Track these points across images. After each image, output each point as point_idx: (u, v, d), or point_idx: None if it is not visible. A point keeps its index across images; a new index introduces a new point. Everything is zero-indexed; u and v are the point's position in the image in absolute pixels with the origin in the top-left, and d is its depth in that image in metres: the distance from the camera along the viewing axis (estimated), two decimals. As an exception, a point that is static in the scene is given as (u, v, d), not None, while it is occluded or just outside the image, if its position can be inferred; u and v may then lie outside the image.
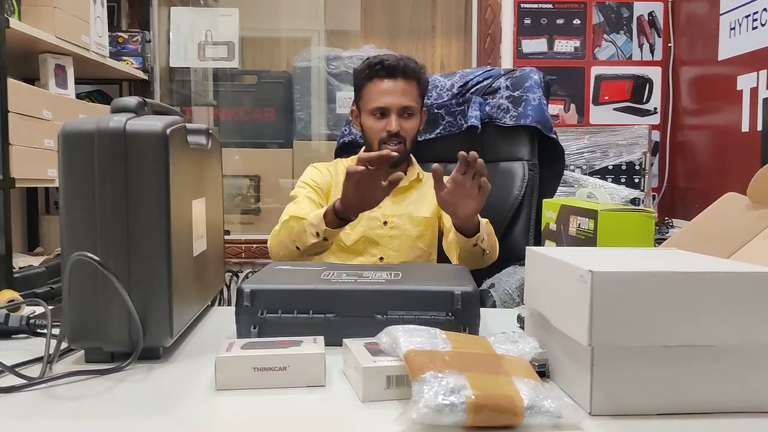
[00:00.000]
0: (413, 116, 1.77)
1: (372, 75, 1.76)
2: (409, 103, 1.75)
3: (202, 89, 3.53)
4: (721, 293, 0.73)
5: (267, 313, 0.98)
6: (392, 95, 1.73)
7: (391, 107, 1.74)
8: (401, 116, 1.75)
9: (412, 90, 1.76)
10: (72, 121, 0.89)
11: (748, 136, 2.60)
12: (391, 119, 1.73)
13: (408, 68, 1.75)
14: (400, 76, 1.74)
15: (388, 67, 1.74)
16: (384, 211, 1.79)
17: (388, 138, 1.74)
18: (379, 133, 1.75)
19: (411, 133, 1.78)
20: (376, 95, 1.75)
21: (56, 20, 2.30)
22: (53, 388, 0.82)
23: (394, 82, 1.74)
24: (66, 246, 0.88)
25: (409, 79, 1.75)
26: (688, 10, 3.17)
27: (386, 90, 1.74)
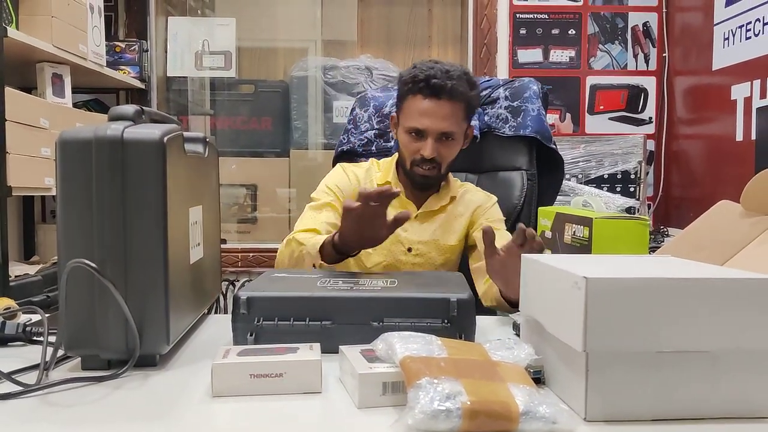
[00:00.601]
0: (453, 141, 1.61)
1: (415, 90, 1.59)
2: (451, 129, 1.58)
3: (199, 98, 3.54)
4: (715, 299, 0.73)
5: (263, 321, 0.98)
6: (432, 118, 1.57)
7: (428, 131, 1.58)
8: (439, 140, 1.59)
9: (456, 113, 1.58)
10: (70, 129, 0.90)
11: (742, 145, 2.61)
12: (427, 143, 1.58)
13: (456, 91, 1.56)
14: (446, 98, 1.56)
15: (434, 86, 1.56)
16: (409, 236, 1.68)
17: (422, 162, 1.60)
18: (412, 154, 1.62)
19: (448, 158, 1.63)
20: (416, 114, 1.58)
21: (54, 29, 2.30)
22: (50, 395, 0.82)
23: (437, 103, 1.56)
24: (63, 253, 0.89)
25: (456, 101, 1.57)
26: (682, 21, 3.19)
27: (427, 111, 1.57)
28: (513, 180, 1.89)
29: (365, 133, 1.98)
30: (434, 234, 1.68)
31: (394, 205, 1.60)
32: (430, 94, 1.56)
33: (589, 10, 3.30)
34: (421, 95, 1.57)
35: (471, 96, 1.61)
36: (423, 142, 1.58)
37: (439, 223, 1.69)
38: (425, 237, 1.68)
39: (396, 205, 1.62)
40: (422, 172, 1.61)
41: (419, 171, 1.61)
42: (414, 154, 1.61)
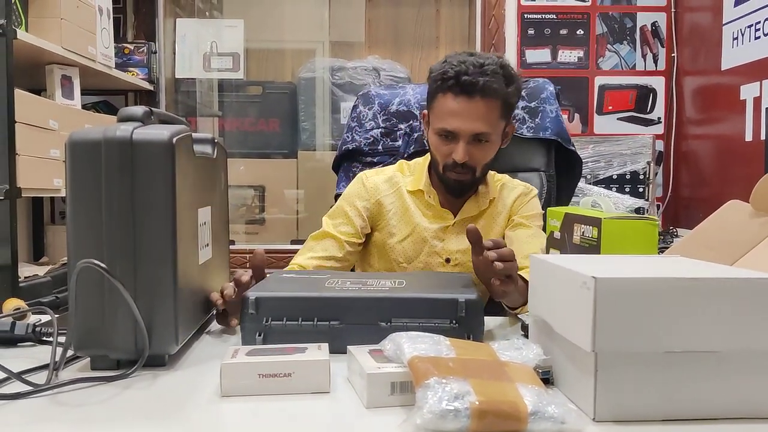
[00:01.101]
0: (488, 143, 1.47)
1: (444, 88, 1.45)
2: (485, 130, 1.44)
3: (207, 100, 3.55)
4: (724, 299, 0.73)
5: (272, 321, 0.99)
6: (463, 118, 1.43)
7: (459, 133, 1.44)
8: (472, 143, 1.45)
9: (491, 112, 1.44)
10: (79, 130, 0.90)
11: (751, 145, 2.60)
12: (458, 147, 1.44)
13: (489, 89, 1.42)
14: (479, 96, 1.42)
15: (465, 84, 1.41)
16: (447, 246, 1.56)
17: (454, 166, 1.47)
18: (444, 157, 1.48)
19: (483, 161, 1.49)
20: (445, 114, 1.45)
21: (63, 32, 2.31)
22: (59, 394, 0.83)
23: (468, 102, 1.42)
24: (73, 253, 0.89)
25: (491, 98, 1.43)
26: (691, 21, 3.18)
27: (457, 111, 1.43)
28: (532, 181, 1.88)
29: (371, 131, 1.96)
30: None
31: (429, 214, 1.57)
32: (460, 92, 1.43)
33: (598, 10, 3.29)
34: (452, 94, 1.44)
35: (508, 93, 1.46)
36: (454, 145, 1.45)
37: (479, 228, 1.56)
38: (464, 245, 1.54)
39: (430, 214, 1.57)
40: (455, 177, 1.49)
41: (452, 176, 1.49)
42: (446, 158, 1.48)
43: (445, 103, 1.45)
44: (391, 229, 1.58)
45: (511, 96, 1.48)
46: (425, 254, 1.56)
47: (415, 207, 1.58)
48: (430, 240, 1.56)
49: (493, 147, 1.50)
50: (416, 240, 1.56)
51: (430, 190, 1.57)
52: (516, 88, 1.49)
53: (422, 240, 1.56)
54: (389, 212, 1.58)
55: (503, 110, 1.47)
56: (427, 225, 1.56)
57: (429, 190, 1.57)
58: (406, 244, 1.57)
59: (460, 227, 1.56)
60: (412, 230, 1.56)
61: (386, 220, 1.58)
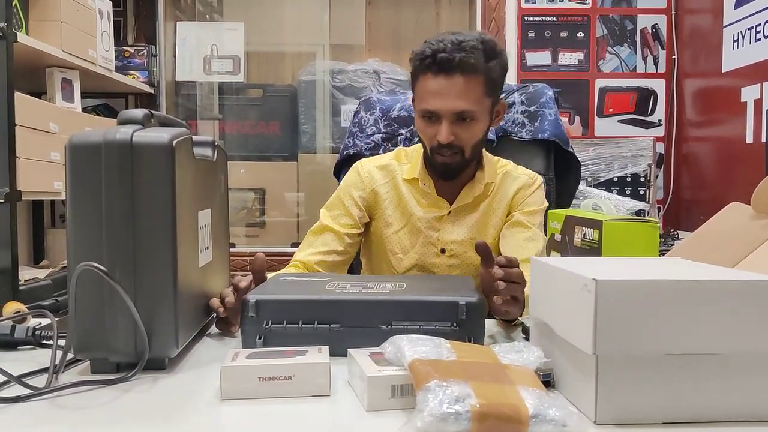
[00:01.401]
0: (473, 121, 1.42)
1: (423, 68, 1.42)
2: (467, 107, 1.39)
3: (207, 103, 3.55)
4: (725, 301, 0.73)
5: (272, 324, 0.98)
6: (443, 97, 1.39)
7: (441, 112, 1.40)
8: (456, 122, 1.41)
9: (473, 88, 1.39)
10: (79, 133, 0.90)
11: (752, 148, 2.60)
12: (442, 127, 1.40)
13: (467, 64, 1.37)
14: (458, 72, 1.38)
15: (441, 61, 1.38)
16: (442, 236, 1.53)
17: (439, 148, 1.43)
18: (430, 139, 1.45)
19: (470, 140, 1.44)
20: (426, 95, 1.42)
21: (63, 35, 2.32)
22: (59, 398, 0.83)
23: (448, 80, 1.38)
24: (72, 256, 0.89)
25: (470, 74, 1.39)
26: (691, 23, 3.18)
27: (437, 91, 1.40)
28: (530, 185, 1.89)
29: (372, 136, 1.97)
30: (470, 232, 1.53)
31: (424, 203, 1.55)
32: (439, 70, 1.39)
33: (598, 12, 3.29)
34: (431, 73, 1.40)
35: (489, 67, 1.41)
36: (438, 126, 1.41)
37: (476, 218, 1.54)
38: (460, 236, 1.53)
39: (425, 203, 1.54)
40: (442, 159, 1.44)
41: (439, 159, 1.45)
42: (431, 140, 1.44)
43: (425, 83, 1.42)
44: (388, 218, 1.56)
45: (493, 71, 1.42)
46: (420, 244, 1.54)
47: (410, 196, 1.55)
48: (425, 230, 1.54)
49: (479, 126, 1.44)
50: (412, 230, 1.55)
51: (426, 178, 1.54)
52: (499, 63, 1.44)
53: (417, 230, 1.54)
54: (384, 201, 1.56)
55: (487, 86, 1.42)
56: (421, 215, 1.54)
57: (424, 178, 1.54)
58: (402, 234, 1.55)
59: (456, 216, 1.54)
60: (407, 220, 1.55)
61: (382, 210, 1.57)
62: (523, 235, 1.49)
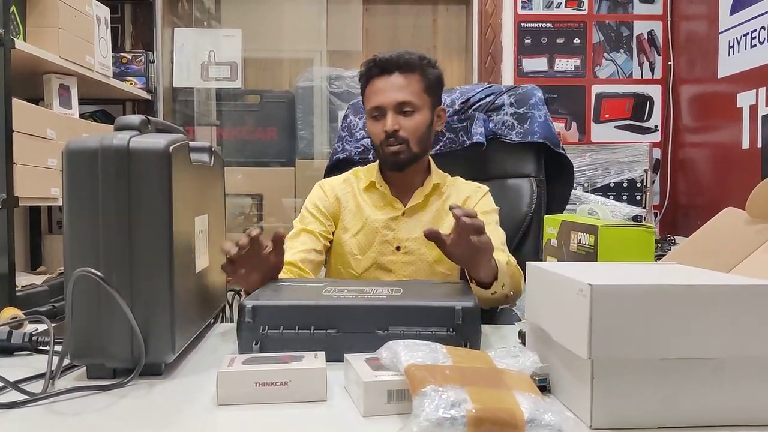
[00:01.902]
0: (415, 112, 1.58)
1: (369, 75, 1.61)
2: (407, 98, 1.57)
3: (205, 109, 3.55)
4: (721, 306, 0.73)
5: (268, 329, 0.98)
6: (386, 92, 1.57)
7: (385, 105, 1.57)
8: (399, 113, 1.57)
9: (411, 84, 1.58)
10: (76, 139, 0.90)
11: (748, 153, 2.61)
12: (386, 118, 1.56)
13: (403, 60, 1.58)
14: (396, 71, 1.58)
15: (381, 62, 1.58)
16: (397, 234, 1.63)
17: (386, 139, 1.57)
18: (378, 135, 1.60)
19: (414, 132, 1.58)
20: (372, 95, 1.60)
21: (61, 41, 2.32)
22: (56, 403, 0.82)
23: (388, 78, 1.58)
24: (69, 262, 0.89)
25: (408, 72, 1.58)
26: (687, 29, 3.19)
27: (380, 88, 1.58)
28: (522, 187, 1.88)
29: (361, 140, 1.97)
30: (425, 228, 1.58)
31: (380, 204, 1.65)
32: (380, 72, 1.59)
33: (594, 19, 3.30)
34: (374, 78, 1.60)
35: (424, 66, 1.60)
36: (384, 120, 1.58)
37: (428, 218, 1.65)
38: (414, 234, 1.63)
39: (381, 205, 1.65)
40: (391, 149, 1.58)
41: (388, 150, 1.58)
42: (380, 135, 1.59)
43: (371, 87, 1.61)
44: (346, 225, 1.66)
45: (429, 73, 1.61)
46: (377, 243, 1.63)
47: (366, 203, 1.66)
48: (381, 230, 1.63)
49: (420, 118, 1.59)
50: (368, 231, 1.64)
51: (381, 182, 1.67)
52: (435, 71, 1.63)
53: (374, 230, 1.64)
54: (345, 210, 1.67)
55: (424, 84, 1.60)
56: (378, 216, 1.64)
57: (380, 182, 1.67)
58: (359, 237, 1.64)
59: (410, 216, 1.65)
60: (363, 223, 1.64)
61: (342, 217, 1.67)
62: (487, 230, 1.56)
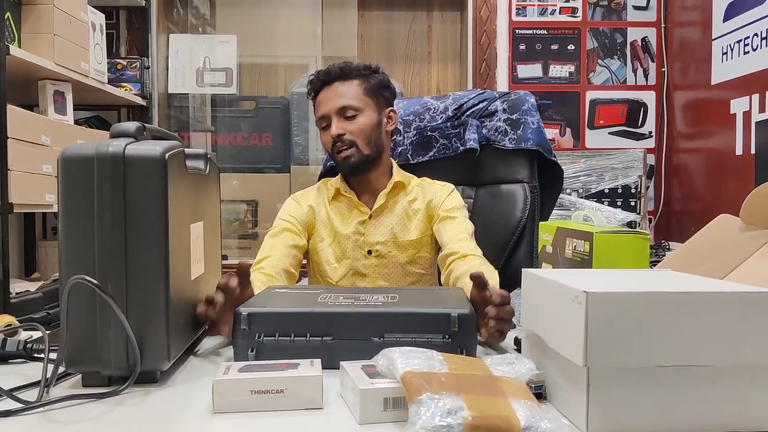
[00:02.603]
0: (358, 115, 1.61)
1: (314, 90, 1.67)
2: (347, 103, 1.61)
3: (200, 115, 3.55)
4: (716, 313, 0.73)
5: (264, 337, 0.98)
6: (328, 101, 1.62)
7: (328, 112, 1.61)
8: (342, 118, 1.61)
9: (351, 89, 1.62)
10: (71, 146, 0.90)
11: (742, 159, 2.62)
12: (332, 125, 1.61)
13: (343, 70, 1.63)
14: (336, 80, 1.63)
15: (321, 75, 1.64)
16: (367, 238, 1.67)
17: (335, 145, 1.61)
18: (328, 144, 1.64)
19: (360, 133, 1.62)
20: (317, 107, 1.66)
21: (56, 47, 2.32)
22: (50, 412, 0.82)
23: (329, 88, 1.63)
24: (64, 269, 0.89)
25: (347, 79, 1.63)
26: (680, 35, 3.21)
27: (323, 98, 1.64)
28: (515, 192, 1.89)
29: None
30: (392, 231, 1.67)
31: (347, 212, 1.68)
32: (322, 84, 1.64)
33: (588, 25, 3.32)
34: (318, 91, 1.65)
35: (364, 74, 1.65)
36: (331, 129, 1.62)
37: (395, 219, 1.68)
38: (382, 237, 1.67)
39: (347, 212, 1.68)
40: (342, 155, 1.61)
41: (339, 156, 1.62)
42: (329, 143, 1.63)
43: (317, 101, 1.66)
44: (321, 233, 1.69)
45: (370, 78, 1.66)
46: (350, 249, 1.67)
47: (334, 214, 1.69)
48: (353, 236, 1.67)
49: (365, 119, 1.62)
50: (340, 240, 1.67)
51: (346, 188, 1.70)
52: (379, 77, 1.68)
53: (345, 237, 1.67)
54: (318, 218, 1.70)
55: (367, 89, 1.64)
56: (346, 224, 1.68)
57: (345, 188, 1.69)
58: (334, 246, 1.68)
59: (377, 218, 1.68)
60: (334, 235, 1.68)
61: (317, 226, 1.70)
62: (454, 222, 1.63)
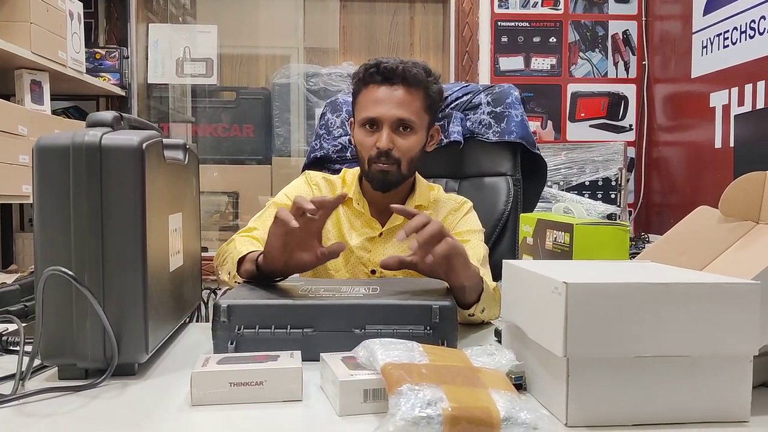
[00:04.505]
0: (412, 133, 1.46)
1: (367, 80, 1.47)
2: (407, 116, 1.43)
3: (180, 106, 3.52)
4: (695, 304, 0.74)
5: (244, 329, 0.98)
6: (386, 104, 1.43)
7: (383, 119, 1.43)
8: (396, 131, 1.44)
9: (413, 101, 1.44)
10: (47, 135, 0.89)
11: (721, 152, 2.64)
12: (382, 134, 1.43)
13: (409, 74, 1.43)
14: (400, 83, 1.44)
15: (385, 70, 1.44)
16: (372, 257, 1.52)
17: (377, 157, 1.44)
18: (368, 149, 1.46)
19: (408, 153, 1.46)
20: (368, 103, 1.46)
21: (32, 36, 2.29)
22: (26, 405, 0.81)
23: (390, 89, 1.44)
24: (40, 261, 0.88)
25: (412, 87, 1.44)
26: (661, 29, 3.22)
27: (380, 98, 1.44)
28: (498, 185, 1.89)
29: (339, 138, 1.95)
30: (402, 251, 1.50)
31: (357, 224, 1.54)
32: (382, 80, 1.45)
33: (570, 18, 3.32)
34: (374, 84, 1.46)
35: (429, 83, 1.47)
36: (378, 134, 1.44)
37: (407, 242, 1.55)
38: None
39: (358, 224, 1.55)
40: (380, 167, 1.45)
41: (377, 167, 1.45)
42: (370, 150, 1.46)
43: (367, 94, 1.47)
44: (327, 233, 1.53)
45: (432, 89, 1.48)
46: (352, 264, 1.54)
47: (345, 218, 1.55)
48: (357, 251, 1.53)
49: (417, 138, 1.48)
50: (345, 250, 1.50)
51: (360, 198, 1.55)
52: (437, 85, 1.50)
53: (349, 251, 1.53)
54: None
55: (426, 102, 1.47)
56: (354, 236, 1.54)
57: (359, 198, 1.55)
58: None
59: (387, 238, 1.54)
60: (341, 240, 1.54)
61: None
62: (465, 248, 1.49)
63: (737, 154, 2.51)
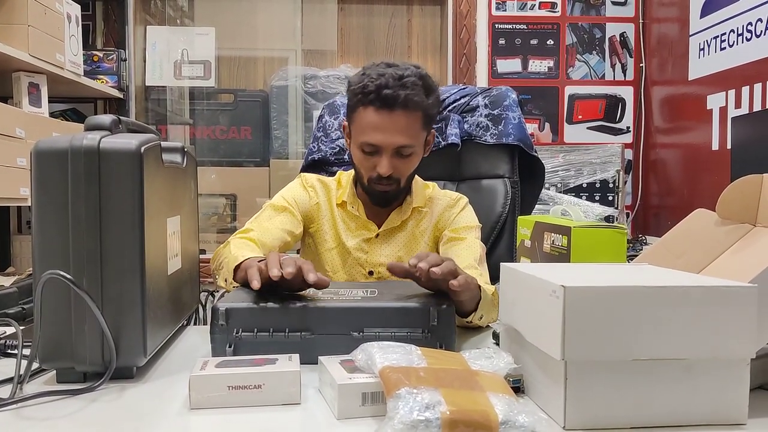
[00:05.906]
0: (412, 154, 1.46)
1: (365, 101, 1.42)
2: (407, 143, 1.42)
3: (178, 108, 3.52)
4: (692, 307, 0.74)
5: (242, 332, 0.97)
6: (386, 133, 1.41)
7: (383, 146, 1.42)
8: (396, 156, 1.44)
9: (412, 124, 1.42)
10: (45, 139, 0.89)
11: (718, 154, 2.65)
12: (382, 160, 1.42)
13: (410, 101, 1.39)
14: (400, 109, 1.40)
15: (386, 98, 1.39)
16: (370, 258, 1.54)
17: (378, 179, 1.45)
18: (368, 171, 1.46)
19: (407, 171, 1.48)
20: (368, 128, 1.42)
21: (30, 39, 2.28)
22: (24, 408, 0.81)
23: (390, 116, 1.40)
24: (38, 264, 0.88)
25: (411, 110, 1.41)
26: (658, 31, 3.23)
27: (379, 125, 1.41)
28: (496, 187, 1.89)
29: (336, 141, 1.96)
30: (398, 254, 1.55)
31: (353, 226, 1.55)
32: (381, 106, 1.40)
33: (567, 20, 3.33)
34: (373, 107, 1.41)
35: (428, 104, 1.44)
36: (378, 158, 1.43)
37: (403, 241, 1.56)
38: (387, 258, 1.53)
39: (353, 226, 1.55)
40: (381, 188, 1.47)
41: (377, 188, 1.47)
42: (370, 172, 1.46)
43: (366, 116, 1.42)
44: (324, 234, 1.56)
45: (431, 107, 1.46)
46: (349, 266, 1.55)
47: (340, 220, 1.56)
48: (354, 252, 1.54)
49: (416, 158, 1.48)
50: (341, 252, 1.55)
51: (354, 201, 1.55)
52: (435, 98, 1.48)
53: (346, 252, 1.54)
54: (323, 217, 1.57)
55: (424, 121, 1.46)
56: (350, 238, 1.55)
57: (353, 201, 1.55)
58: (334, 254, 1.56)
59: (384, 239, 1.55)
60: (338, 242, 1.55)
61: (319, 224, 1.57)
62: (461, 246, 1.50)
63: (734, 157, 2.52)
